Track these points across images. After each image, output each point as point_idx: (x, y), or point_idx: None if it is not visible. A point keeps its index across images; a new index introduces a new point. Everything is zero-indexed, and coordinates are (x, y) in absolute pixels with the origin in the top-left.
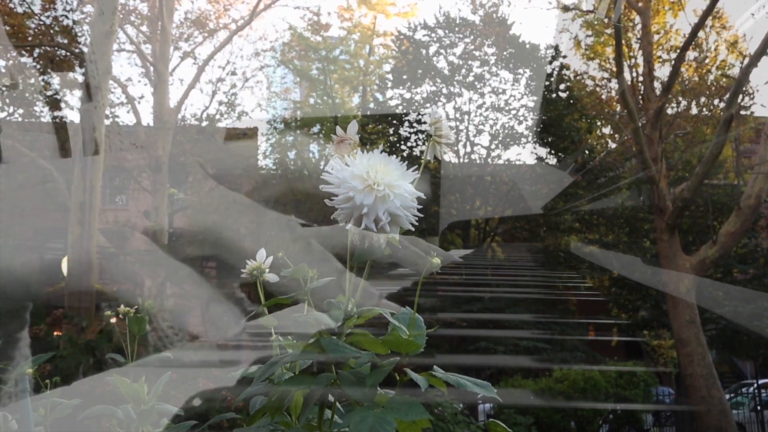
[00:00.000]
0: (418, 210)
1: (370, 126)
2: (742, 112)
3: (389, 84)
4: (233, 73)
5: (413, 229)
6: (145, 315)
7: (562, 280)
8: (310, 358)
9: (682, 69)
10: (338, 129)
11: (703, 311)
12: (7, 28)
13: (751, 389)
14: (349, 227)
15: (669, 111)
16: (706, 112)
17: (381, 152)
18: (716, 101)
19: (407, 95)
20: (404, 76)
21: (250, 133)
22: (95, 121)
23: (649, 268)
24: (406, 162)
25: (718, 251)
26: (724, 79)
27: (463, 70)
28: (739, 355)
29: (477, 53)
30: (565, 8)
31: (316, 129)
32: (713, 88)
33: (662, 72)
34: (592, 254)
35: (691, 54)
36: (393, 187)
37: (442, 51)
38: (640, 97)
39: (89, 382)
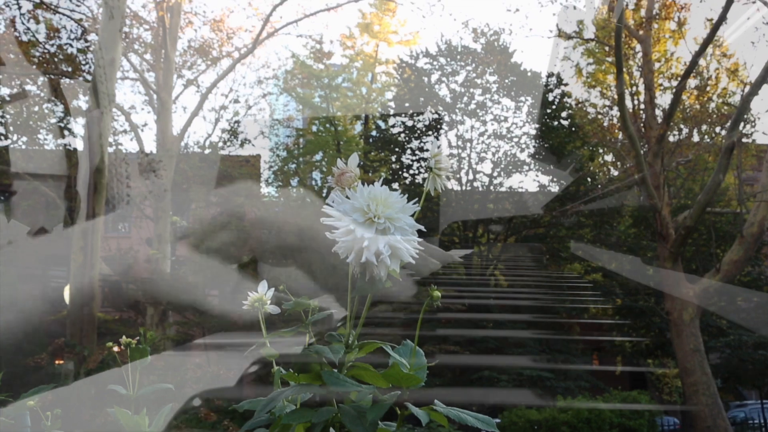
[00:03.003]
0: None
1: (372, 153)
2: (744, 140)
3: (391, 111)
4: (236, 101)
5: (414, 262)
6: (147, 346)
7: (566, 308)
8: (311, 391)
9: (684, 97)
10: (339, 162)
11: (707, 339)
12: (12, 56)
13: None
14: (349, 260)
15: (671, 138)
16: (708, 140)
17: (381, 185)
18: (718, 129)
19: (409, 123)
20: (406, 104)
21: (253, 161)
22: (101, 141)
23: (652, 296)
24: (406, 195)
25: (721, 279)
26: (725, 107)
27: (465, 98)
28: (744, 384)
29: (479, 81)
30: (566, 36)
31: (318, 156)
32: (714, 116)
33: (663, 100)
34: (596, 281)
35: (692, 82)
36: (393, 220)
37: (443, 79)
38: (642, 125)
39: (90, 412)
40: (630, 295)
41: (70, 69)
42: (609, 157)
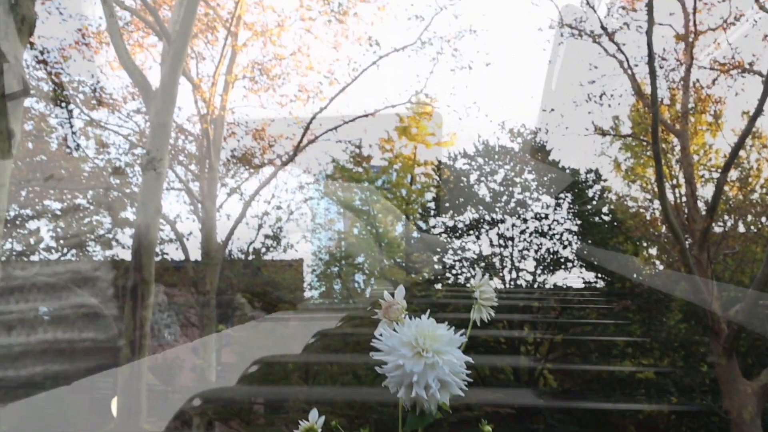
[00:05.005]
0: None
1: (414, 254)
2: None
3: (432, 212)
4: (278, 207)
5: (463, 395)
6: None
7: (619, 409)
8: None
9: (726, 188)
10: (386, 294)
11: None
12: (63, 171)
13: None
14: (400, 395)
15: (716, 229)
16: (754, 231)
17: (428, 317)
18: (763, 219)
19: (450, 223)
20: (446, 204)
21: (296, 265)
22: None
23: (708, 394)
24: (453, 327)
25: None
26: None
27: (505, 197)
28: None
29: (517, 179)
30: (603, 133)
31: (360, 259)
32: (759, 207)
33: (705, 191)
34: (648, 379)
35: (733, 173)
36: (442, 354)
37: (482, 178)
38: (685, 217)
39: None
40: (685, 393)
41: (118, 182)
42: (653, 251)
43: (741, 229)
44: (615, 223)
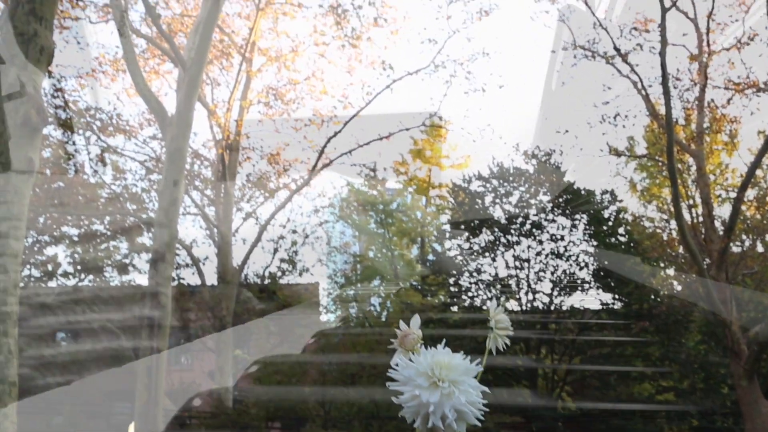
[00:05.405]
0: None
1: (430, 277)
2: None
3: (447, 234)
4: (294, 231)
5: (480, 425)
6: None
7: (638, 430)
8: None
9: (743, 207)
10: (402, 324)
11: None
12: (81, 198)
13: None
14: (417, 425)
15: (734, 249)
16: None
17: (444, 347)
18: None
19: (465, 245)
20: (461, 227)
21: (312, 289)
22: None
23: (730, 417)
24: (469, 357)
25: None
26: None
27: (520, 218)
28: None
29: (533, 201)
30: (618, 153)
31: (376, 282)
32: None
33: (722, 211)
34: (668, 401)
35: (750, 193)
36: (458, 384)
37: (497, 200)
38: (702, 238)
39: None
40: (706, 415)
41: (134, 207)
42: (671, 271)
43: (759, 248)
44: (632, 244)
